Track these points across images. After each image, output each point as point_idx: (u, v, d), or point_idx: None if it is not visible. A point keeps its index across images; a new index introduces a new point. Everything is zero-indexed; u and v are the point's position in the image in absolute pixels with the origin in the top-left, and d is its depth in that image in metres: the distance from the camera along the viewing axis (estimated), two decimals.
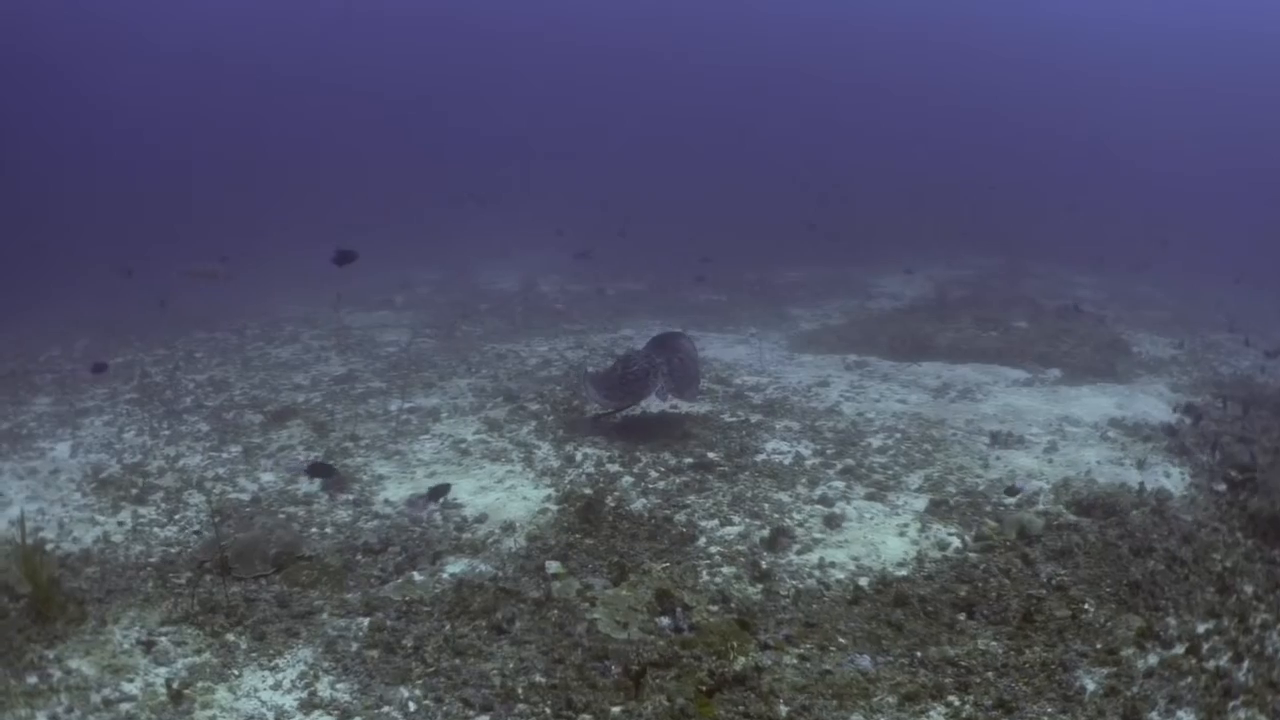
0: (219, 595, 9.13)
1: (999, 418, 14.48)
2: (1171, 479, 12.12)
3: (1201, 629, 8.35)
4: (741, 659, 7.86)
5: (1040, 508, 10.97)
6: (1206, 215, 36.38)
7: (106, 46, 59.39)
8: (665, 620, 8.52)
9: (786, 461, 12.66)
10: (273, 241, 29.09)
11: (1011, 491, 11.64)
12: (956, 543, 10.11)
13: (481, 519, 10.98)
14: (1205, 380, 17.50)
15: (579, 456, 12.92)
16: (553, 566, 9.59)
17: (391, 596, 9.15)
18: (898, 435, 13.66)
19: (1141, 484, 11.61)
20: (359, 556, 10.07)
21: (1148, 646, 8.10)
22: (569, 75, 66.27)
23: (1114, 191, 41.89)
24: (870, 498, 11.45)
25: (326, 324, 22.83)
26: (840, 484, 11.89)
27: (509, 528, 10.70)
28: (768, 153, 49.74)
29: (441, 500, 11.45)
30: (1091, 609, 8.62)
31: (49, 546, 10.33)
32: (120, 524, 11.18)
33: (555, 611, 8.69)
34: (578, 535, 10.37)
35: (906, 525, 10.63)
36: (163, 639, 8.41)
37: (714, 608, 8.77)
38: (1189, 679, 7.64)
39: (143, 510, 11.58)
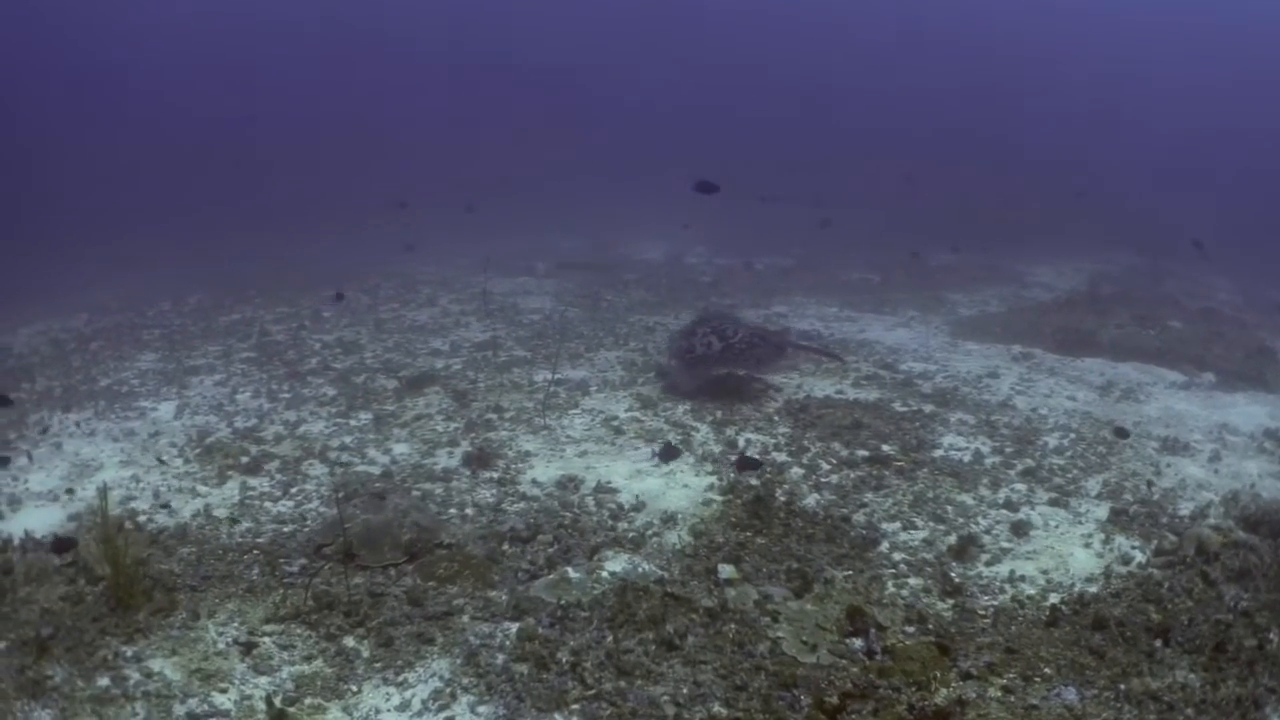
0: (338, 588, 8.29)
1: (1163, 421, 14.04)
2: None
3: None
4: (943, 690, 7.11)
5: (1211, 521, 10.34)
6: None
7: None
8: (858, 642, 7.70)
9: (966, 459, 11.88)
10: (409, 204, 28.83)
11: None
12: (1139, 557, 9.56)
13: (639, 508, 10.14)
14: None
15: (741, 442, 12.04)
16: (725, 570, 8.68)
17: (544, 597, 8.28)
18: (1072, 435, 13.06)
19: None
20: (505, 546, 9.23)
21: None
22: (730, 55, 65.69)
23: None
24: (1053, 503, 10.74)
25: (464, 287, 22.64)
26: (1022, 487, 11.16)
27: (670, 520, 9.83)
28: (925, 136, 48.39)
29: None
30: (1275, 638, 7.96)
31: (140, 519, 9.75)
32: (226, 497, 10.54)
33: (732, 626, 7.84)
34: (748, 533, 9.50)
35: (1090, 536, 9.99)
36: (266, 640, 7.59)
37: (909, 629, 7.98)
38: None
39: (253, 481, 10.97)
